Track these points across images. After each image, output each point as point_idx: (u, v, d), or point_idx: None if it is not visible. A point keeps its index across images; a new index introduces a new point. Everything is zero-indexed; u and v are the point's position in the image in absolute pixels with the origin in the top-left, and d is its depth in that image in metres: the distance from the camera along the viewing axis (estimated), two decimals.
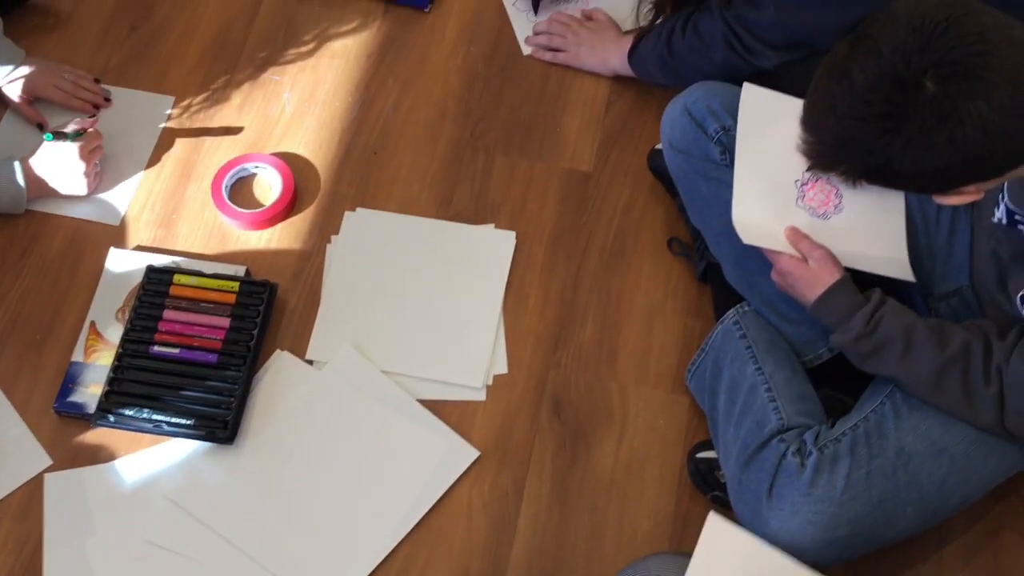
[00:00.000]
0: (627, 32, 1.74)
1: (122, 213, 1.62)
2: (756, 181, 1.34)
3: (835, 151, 1.08)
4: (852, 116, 1.03)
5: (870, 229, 1.35)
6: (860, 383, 1.34)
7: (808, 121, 1.10)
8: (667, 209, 1.64)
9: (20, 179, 1.55)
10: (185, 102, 1.73)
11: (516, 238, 1.61)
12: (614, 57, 1.72)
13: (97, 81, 1.72)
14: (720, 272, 1.47)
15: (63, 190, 1.59)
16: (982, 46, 0.97)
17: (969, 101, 0.97)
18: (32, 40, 1.75)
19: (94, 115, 1.68)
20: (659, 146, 1.60)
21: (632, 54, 1.67)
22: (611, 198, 1.66)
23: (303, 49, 1.79)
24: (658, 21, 1.62)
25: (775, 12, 1.43)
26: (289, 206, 1.64)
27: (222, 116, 1.72)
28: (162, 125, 1.71)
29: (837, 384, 1.39)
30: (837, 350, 1.32)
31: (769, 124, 1.36)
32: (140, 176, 1.66)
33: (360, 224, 1.63)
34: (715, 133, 1.41)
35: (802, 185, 1.36)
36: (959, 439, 1.23)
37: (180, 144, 1.69)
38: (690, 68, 1.56)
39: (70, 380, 1.48)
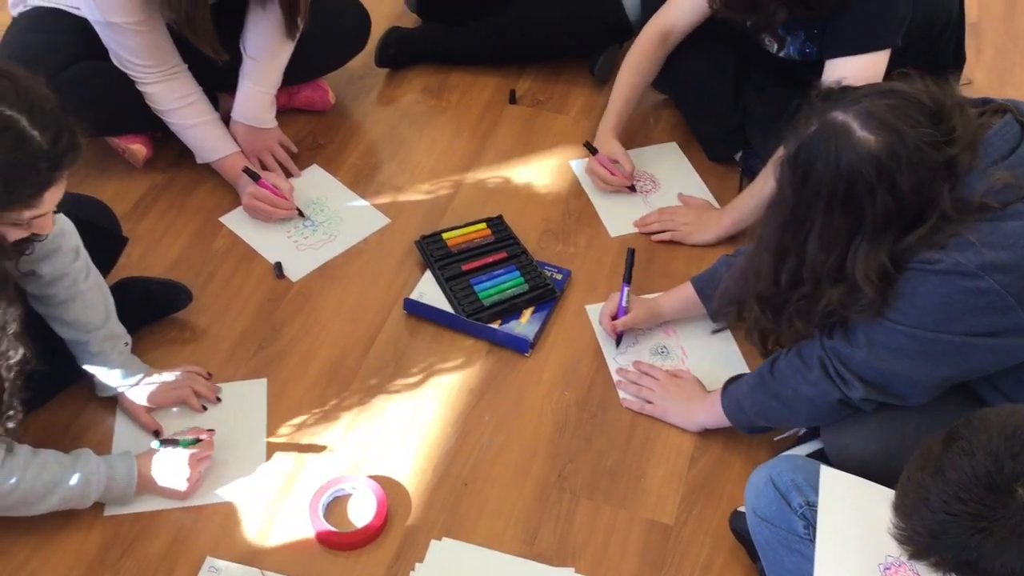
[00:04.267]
0: (711, 391, 1.85)
1: (222, 521, 1.70)
2: (838, 565, 1.37)
3: (928, 541, 1.11)
4: (945, 511, 1.07)
5: None
6: None
7: (901, 509, 1.15)
8: (747, 573, 1.66)
9: (135, 472, 1.66)
10: (298, 419, 1.85)
11: None
12: (699, 414, 1.82)
13: (209, 375, 1.86)
14: None
15: (164, 487, 1.68)
16: None
17: None
18: (167, 351, 1.93)
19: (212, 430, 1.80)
20: (742, 508, 1.64)
21: (725, 388, 1.76)
22: (691, 555, 1.69)
23: (410, 380, 1.93)
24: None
25: (867, 352, 1.51)
26: (380, 529, 1.70)
27: (329, 435, 1.84)
28: (273, 438, 1.82)
29: None
30: None
31: (850, 507, 1.41)
32: (245, 485, 1.76)
33: (444, 554, 1.68)
34: (799, 507, 1.46)
35: (885, 569, 1.38)
36: None
37: (285, 458, 1.80)
38: (786, 387, 1.61)
39: None
